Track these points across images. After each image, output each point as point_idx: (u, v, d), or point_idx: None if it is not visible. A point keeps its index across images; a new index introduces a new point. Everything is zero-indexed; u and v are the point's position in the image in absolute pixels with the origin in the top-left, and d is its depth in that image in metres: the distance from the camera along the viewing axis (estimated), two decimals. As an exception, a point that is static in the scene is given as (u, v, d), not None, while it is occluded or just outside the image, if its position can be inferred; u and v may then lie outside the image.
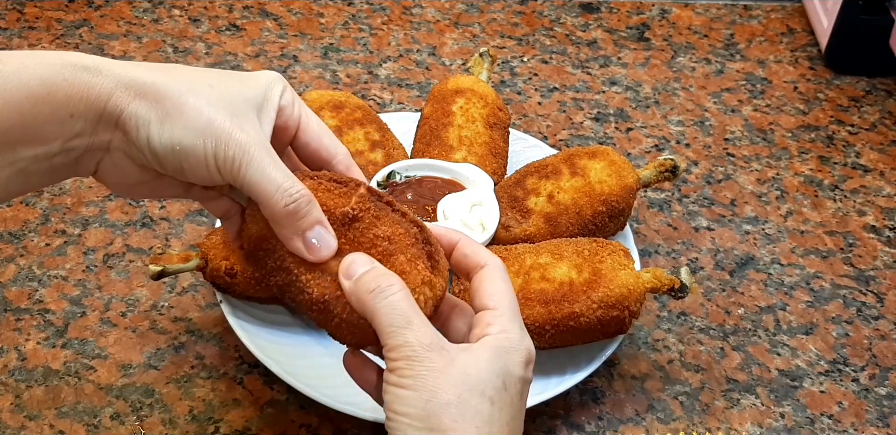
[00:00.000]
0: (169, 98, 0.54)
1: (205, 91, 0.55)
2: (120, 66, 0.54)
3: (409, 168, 0.85)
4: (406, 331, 0.54)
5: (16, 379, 0.78)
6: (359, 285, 0.55)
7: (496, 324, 0.57)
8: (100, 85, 0.53)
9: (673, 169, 0.85)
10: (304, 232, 0.56)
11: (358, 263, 0.56)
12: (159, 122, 0.54)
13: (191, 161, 0.54)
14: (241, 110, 0.56)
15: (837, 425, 0.80)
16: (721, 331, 0.87)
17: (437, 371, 0.53)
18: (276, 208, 0.55)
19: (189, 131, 0.54)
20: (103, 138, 0.55)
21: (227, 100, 0.56)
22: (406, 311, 0.54)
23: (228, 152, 0.54)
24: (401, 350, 0.53)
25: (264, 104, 0.58)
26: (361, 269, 0.56)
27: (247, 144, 0.55)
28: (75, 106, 0.53)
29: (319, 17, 1.18)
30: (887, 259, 0.95)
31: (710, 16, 1.24)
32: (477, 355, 0.55)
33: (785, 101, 1.12)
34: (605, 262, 0.76)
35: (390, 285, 0.55)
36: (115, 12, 1.16)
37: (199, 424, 0.76)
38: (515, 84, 1.11)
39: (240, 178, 0.55)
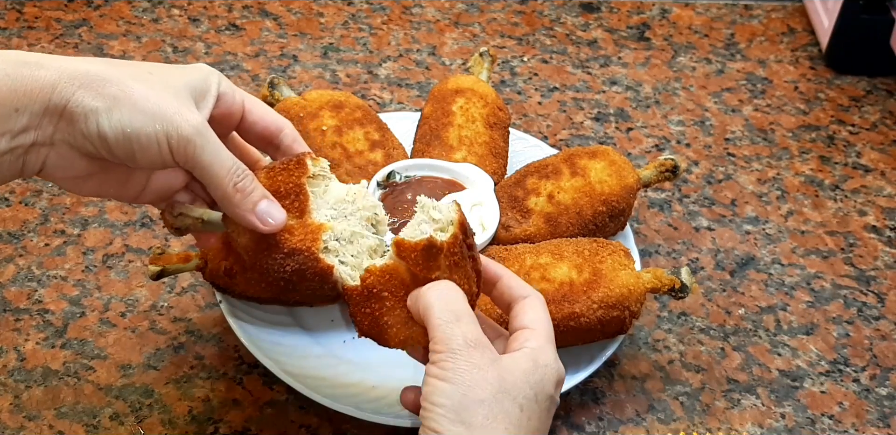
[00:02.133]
0: (114, 85, 0.56)
1: (147, 78, 0.57)
2: (62, 60, 0.56)
3: (409, 168, 0.84)
4: (454, 325, 0.56)
5: (15, 379, 0.78)
6: (421, 292, 0.59)
7: (533, 340, 0.60)
8: (43, 78, 0.54)
9: (673, 169, 0.84)
10: (255, 206, 0.60)
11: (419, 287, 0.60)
12: (107, 109, 0.55)
13: (143, 144, 0.56)
14: (183, 96, 0.58)
15: (838, 426, 0.80)
16: (721, 331, 0.87)
17: (477, 368, 0.55)
18: (227, 188, 0.59)
19: (139, 115, 0.56)
20: (47, 132, 0.56)
21: (170, 85, 0.58)
22: (458, 307, 0.57)
23: (182, 134, 0.57)
24: (446, 343, 0.56)
25: (204, 92, 0.61)
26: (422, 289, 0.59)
27: (198, 127, 0.57)
28: (20, 100, 0.54)
29: (319, 17, 1.18)
30: (888, 259, 0.95)
31: (710, 15, 1.23)
32: (516, 362, 0.57)
33: (785, 100, 1.12)
34: (606, 262, 0.76)
35: (447, 285, 0.58)
36: (114, 12, 1.16)
37: (199, 424, 0.76)
38: (515, 84, 1.11)
39: (192, 160, 0.58)
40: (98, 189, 0.62)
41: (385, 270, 0.61)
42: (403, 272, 0.61)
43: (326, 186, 0.65)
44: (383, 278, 0.61)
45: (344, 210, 0.65)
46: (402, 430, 0.74)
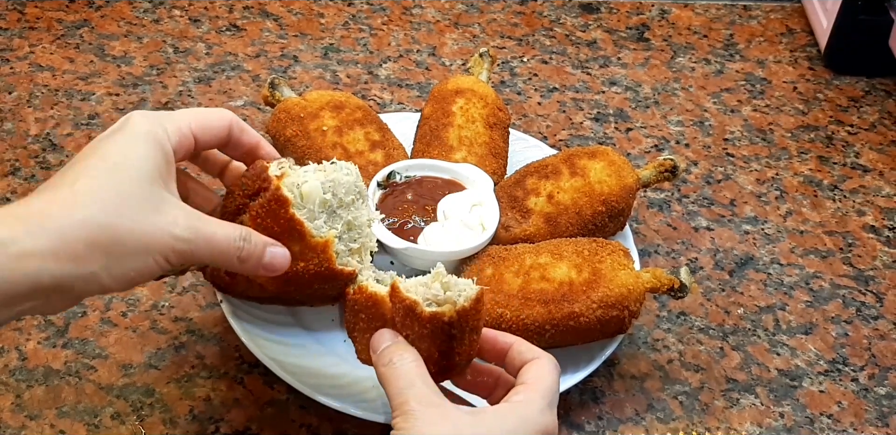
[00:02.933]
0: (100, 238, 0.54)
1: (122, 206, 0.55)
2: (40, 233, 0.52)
3: (409, 168, 0.85)
4: (408, 390, 0.58)
5: (16, 379, 0.78)
6: (378, 358, 0.62)
7: (521, 394, 0.60)
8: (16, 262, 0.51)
9: (672, 169, 0.85)
10: (261, 261, 0.62)
11: (382, 338, 0.62)
12: (105, 268, 0.54)
13: (145, 276, 0.57)
14: (157, 197, 0.57)
15: (837, 425, 0.80)
16: (720, 331, 0.87)
17: (428, 422, 0.57)
18: (233, 263, 0.61)
19: (136, 257, 0.56)
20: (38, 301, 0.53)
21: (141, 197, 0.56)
22: (411, 375, 0.59)
23: (178, 251, 0.57)
24: (400, 408, 0.58)
25: (167, 176, 0.59)
26: (383, 344, 0.62)
27: (189, 233, 0.57)
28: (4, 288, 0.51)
29: (320, 18, 1.18)
30: (886, 259, 0.95)
31: (709, 16, 1.24)
32: (479, 418, 0.58)
33: (784, 101, 1.12)
34: (605, 262, 0.76)
35: (402, 357, 0.60)
36: (115, 12, 1.16)
37: (200, 423, 0.77)
38: (515, 84, 1.11)
39: (194, 259, 0.59)
40: None
41: (371, 296, 0.63)
42: (386, 308, 0.63)
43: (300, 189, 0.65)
44: (367, 302, 0.64)
45: (329, 206, 0.65)
46: (403, 429, 0.74)
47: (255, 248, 0.61)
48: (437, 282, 0.61)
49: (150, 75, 1.08)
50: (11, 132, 1.00)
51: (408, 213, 0.81)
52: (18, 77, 1.07)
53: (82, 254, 0.53)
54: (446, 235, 0.79)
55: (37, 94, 1.05)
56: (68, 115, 1.03)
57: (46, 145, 0.99)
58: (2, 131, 1.00)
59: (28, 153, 0.98)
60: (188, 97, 1.06)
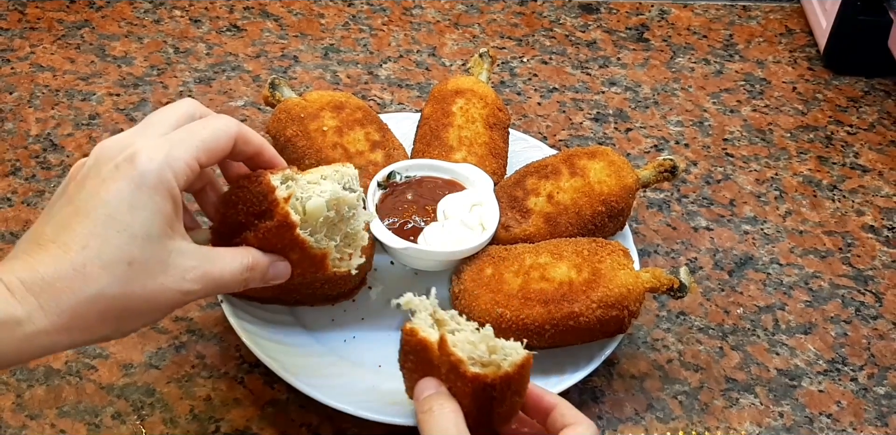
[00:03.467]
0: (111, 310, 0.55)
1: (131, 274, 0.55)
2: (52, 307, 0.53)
3: (409, 168, 0.85)
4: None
5: (17, 378, 0.78)
6: (419, 405, 0.63)
7: None
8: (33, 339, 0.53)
9: (672, 169, 0.85)
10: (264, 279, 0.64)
11: (425, 386, 0.64)
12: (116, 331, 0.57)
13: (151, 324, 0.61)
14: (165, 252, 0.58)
15: (836, 425, 0.80)
16: (720, 330, 0.87)
17: None
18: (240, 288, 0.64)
19: (147, 317, 0.58)
20: None
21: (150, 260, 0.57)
22: (448, 424, 0.61)
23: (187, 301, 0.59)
24: None
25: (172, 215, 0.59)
26: (426, 392, 0.64)
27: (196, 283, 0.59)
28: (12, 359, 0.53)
29: (320, 18, 1.18)
30: (886, 259, 0.95)
31: (708, 16, 1.24)
32: None
33: (784, 101, 1.12)
34: (605, 262, 0.76)
35: (442, 406, 0.62)
36: (116, 13, 1.17)
37: (200, 423, 0.77)
38: (515, 84, 1.11)
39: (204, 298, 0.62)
40: None
41: (421, 341, 0.64)
42: (434, 355, 0.63)
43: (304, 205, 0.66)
44: (417, 346, 0.64)
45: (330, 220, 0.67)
46: (402, 428, 0.75)
47: (260, 272, 0.64)
48: (484, 343, 0.62)
49: (150, 75, 1.08)
50: (12, 132, 1.00)
51: (408, 213, 0.81)
52: (19, 77, 1.07)
53: (94, 326, 0.55)
54: (446, 235, 0.79)
55: (37, 94, 1.05)
56: (69, 115, 1.03)
57: (47, 145, 0.99)
58: (2, 131, 1.00)
59: (29, 153, 0.98)
60: (189, 97, 1.06)
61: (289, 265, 0.66)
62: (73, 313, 0.53)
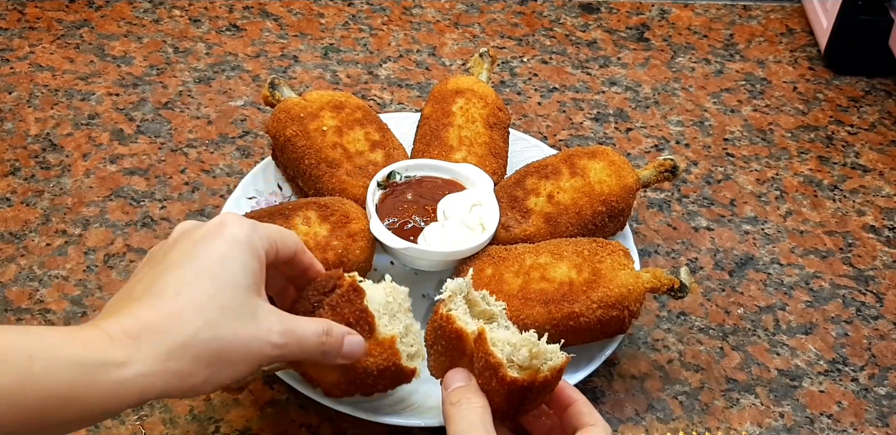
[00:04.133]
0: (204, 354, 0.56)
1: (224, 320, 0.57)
2: (149, 351, 0.54)
3: (409, 168, 0.85)
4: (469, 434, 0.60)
5: (17, 379, 0.78)
6: (448, 396, 0.63)
7: None
8: (129, 384, 0.53)
9: (672, 169, 0.85)
10: (340, 351, 0.64)
11: (456, 377, 0.64)
12: (206, 380, 0.57)
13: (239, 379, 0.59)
14: (254, 305, 0.59)
15: (837, 425, 0.80)
16: (720, 331, 0.87)
17: None
18: (316, 357, 0.63)
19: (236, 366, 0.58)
20: None
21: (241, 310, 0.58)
22: (475, 420, 0.61)
23: (272, 356, 0.59)
24: None
25: (258, 275, 0.61)
26: (457, 384, 0.64)
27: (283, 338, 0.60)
28: (107, 405, 0.53)
29: (320, 18, 1.18)
30: (886, 259, 0.95)
31: (709, 16, 1.24)
32: None
33: (784, 101, 1.12)
34: (605, 262, 0.76)
35: (471, 402, 0.62)
36: (115, 13, 1.16)
37: (200, 423, 0.77)
38: (515, 84, 1.11)
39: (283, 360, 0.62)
40: None
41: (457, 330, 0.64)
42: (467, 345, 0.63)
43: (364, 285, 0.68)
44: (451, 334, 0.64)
45: (391, 309, 0.68)
46: (402, 429, 0.75)
47: (336, 339, 0.64)
48: (527, 348, 0.61)
49: (150, 75, 1.08)
50: (11, 132, 1.00)
51: (408, 213, 0.81)
52: (18, 77, 1.07)
53: (188, 371, 0.55)
54: (446, 235, 0.79)
55: (37, 94, 1.05)
56: (68, 115, 1.03)
57: (46, 145, 0.99)
58: (2, 131, 1.00)
59: (28, 153, 0.98)
60: (188, 97, 1.06)
61: (363, 341, 0.65)
62: (169, 355, 0.54)
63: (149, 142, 1.00)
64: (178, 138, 1.01)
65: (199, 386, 0.56)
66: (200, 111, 1.04)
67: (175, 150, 1.00)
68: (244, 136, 1.02)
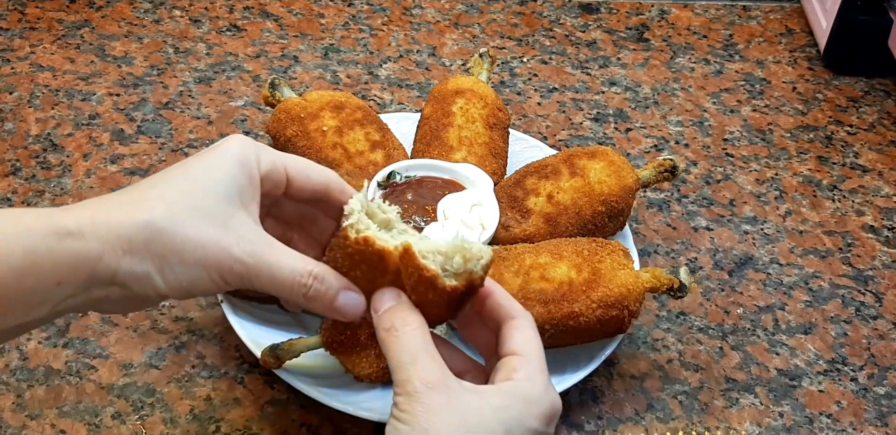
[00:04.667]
0: (159, 244, 0.54)
1: (186, 215, 0.55)
2: (102, 223, 0.53)
3: (409, 168, 0.85)
4: (410, 367, 0.55)
5: (17, 378, 0.79)
6: (379, 320, 0.57)
7: (522, 370, 0.57)
8: (86, 250, 0.52)
9: (672, 169, 0.85)
10: (332, 303, 0.58)
11: (386, 296, 0.58)
12: (160, 272, 0.54)
13: (201, 288, 0.56)
14: (227, 214, 0.56)
15: (836, 425, 0.80)
16: (720, 330, 0.87)
17: (432, 410, 0.53)
18: (299, 300, 0.58)
19: (190, 268, 0.55)
20: (98, 295, 0.54)
21: (210, 212, 0.55)
22: (414, 347, 0.56)
23: (234, 273, 0.55)
24: (403, 385, 0.54)
25: (248, 186, 0.58)
26: (388, 303, 0.58)
27: (248, 256, 0.55)
28: (62, 274, 0.52)
29: (320, 18, 1.18)
30: (886, 259, 0.95)
31: (709, 16, 1.24)
32: (485, 399, 0.55)
33: (784, 101, 1.12)
34: (605, 261, 0.76)
35: (406, 324, 0.56)
36: (116, 13, 1.17)
37: (200, 423, 0.77)
38: (515, 84, 1.11)
39: (254, 285, 0.57)
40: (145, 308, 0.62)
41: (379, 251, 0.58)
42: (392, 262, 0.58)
43: None
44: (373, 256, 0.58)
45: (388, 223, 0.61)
46: (403, 428, 0.75)
47: (328, 289, 0.58)
48: (459, 255, 0.57)
49: (150, 75, 1.08)
50: (12, 132, 1.00)
51: (408, 213, 0.81)
52: (19, 77, 1.07)
53: (138, 251, 0.53)
54: (446, 235, 0.79)
55: (37, 94, 1.05)
56: (69, 115, 1.03)
57: (47, 145, 0.99)
58: (2, 131, 1.00)
59: (29, 153, 0.98)
60: (188, 97, 1.06)
61: (363, 301, 0.59)
62: (120, 234, 0.53)
63: (149, 142, 1.00)
64: (179, 138, 1.01)
65: (154, 278, 0.54)
66: (201, 111, 1.04)
67: (176, 150, 1.00)
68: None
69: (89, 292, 0.54)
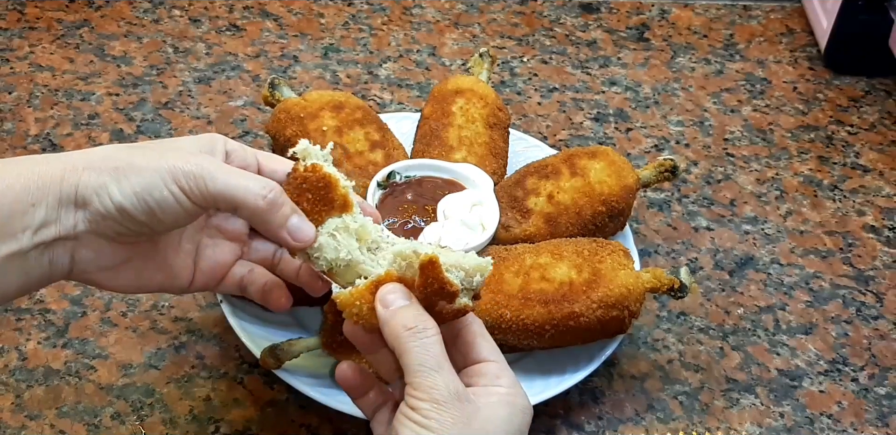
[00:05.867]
0: (115, 159, 0.58)
1: (148, 147, 0.60)
2: (67, 154, 0.59)
3: (409, 168, 0.85)
4: (437, 374, 0.55)
5: (16, 379, 0.78)
6: (396, 319, 0.56)
7: (505, 378, 0.59)
8: (51, 170, 0.57)
9: (672, 169, 0.85)
10: (287, 221, 0.59)
11: (397, 294, 0.57)
12: (115, 180, 0.57)
13: (157, 198, 0.57)
14: (187, 151, 0.60)
15: (837, 425, 0.80)
16: (720, 331, 0.87)
17: (461, 422, 0.54)
18: (258, 204, 0.58)
19: (145, 174, 0.57)
20: (68, 223, 0.57)
21: (172, 147, 0.60)
22: (438, 355, 0.56)
23: (188, 171, 0.57)
24: (429, 392, 0.55)
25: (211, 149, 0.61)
26: (400, 302, 0.57)
27: (201, 162, 0.58)
28: (33, 194, 0.56)
29: (319, 18, 1.18)
30: (886, 259, 0.95)
31: (709, 16, 1.24)
32: (495, 413, 0.57)
33: (784, 101, 1.12)
34: (605, 262, 0.76)
35: (427, 328, 0.56)
36: (115, 13, 1.16)
37: (200, 423, 0.77)
38: (515, 84, 1.11)
39: (209, 192, 0.57)
40: (140, 279, 0.63)
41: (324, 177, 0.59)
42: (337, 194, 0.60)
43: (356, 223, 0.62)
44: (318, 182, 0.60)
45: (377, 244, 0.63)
46: (403, 429, 0.74)
47: (285, 204, 0.59)
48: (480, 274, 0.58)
49: (150, 75, 1.08)
50: (11, 132, 1.00)
51: (408, 213, 0.81)
52: (18, 77, 1.07)
53: (96, 167, 0.57)
54: (446, 235, 0.79)
55: (37, 94, 1.05)
56: (68, 115, 1.03)
57: (46, 145, 0.99)
58: (2, 131, 1.00)
59: (28, 153, 0.98)
60: (188, 97, 1.06)
61: (313, 229, 0.59)
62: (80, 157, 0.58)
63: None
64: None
65: (111, 188, 0.56)
66: (200, 111, 1.04)
67: (175, 150, 0.99)
68: (244, 136, 1.02)
69: (61, 219, 0.57)
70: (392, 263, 0.59)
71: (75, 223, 0.57)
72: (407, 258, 0.58)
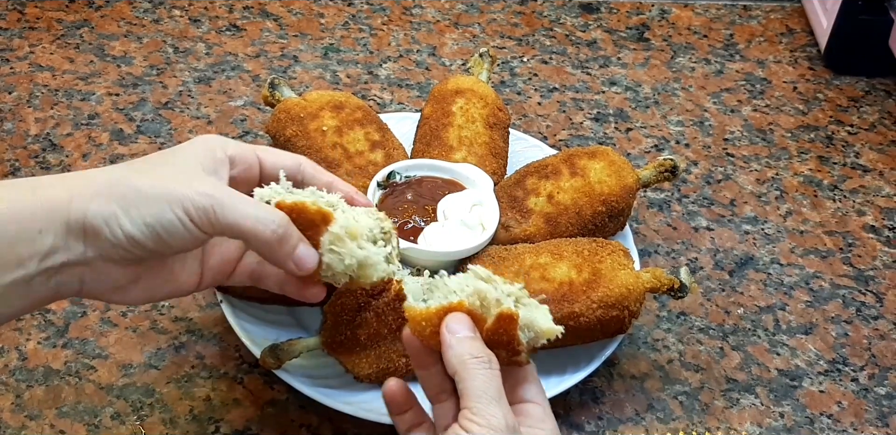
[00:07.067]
0: (121, 185, 0.57)
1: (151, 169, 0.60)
2: (69, 176, 0.59)
3: (409, 168, 0.85)
4: (497, 404, 0.57)
5: (16, 379, 0.78)
6: (464, 347, 0.58)
7: (548, 422, 0.61)
8: (57, 196, 0.56)
9: (672, 169, 0.85)
10: (294, 252, 0.60)
11: (464, 325, 0.59)
12: (124, 210, 0.56)
13: (168, 228, 0.57)
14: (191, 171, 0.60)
15: (837, 425, 0.80)
16: (720, 331, 0.87)
17: None
18: (266, 237, 0.59)
19: (153, 205, 0.57)
20: (77, 250, 0.57)
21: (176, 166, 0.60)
22: (500, 388, 0.58)
23: (198, 204, 0.57)
24: (488, 419, 0.56)
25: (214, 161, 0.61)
26: (466, 333, 0.59)
27: (210, 192, 0.58)
28: (40, 221, 0.56)
29: (320, 18, 1.18)
30: (886, 259, 0.95)
31: (709, 16, 1.24)
32: None
33: (784, 101, 1.12)
34: (605, 262, 0.76)
35: (493, 361, 0.58)
36: (115, 13, 1.16)
37: (200, 423, 0.77)
38: (515, 84, 1.11)
39: (219, 223, 0.58)
40: (150, 292, 0.63)
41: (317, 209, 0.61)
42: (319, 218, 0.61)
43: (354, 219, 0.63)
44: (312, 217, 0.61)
45: None
46: (403, 429, 0.74)
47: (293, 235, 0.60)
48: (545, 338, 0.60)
49: (150, 75, 1.08)
50: (11, 132, 1.00)
51: (408, 213, 0.81)
52: (18, 77, 1.07)
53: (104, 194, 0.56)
54: (446, 235, 0.79)
55: (37, 94, 1.05)
56: (68, 115, 1.03)
57: (46, 145, 0.99)
58: (2, 131, 1.00)
59: (28, 153, 0.98)
60: (188, 97, 1.06)
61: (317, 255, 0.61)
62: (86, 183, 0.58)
63: (149, 142, 1.00)
64: (179, 138, 1.01)
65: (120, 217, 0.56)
66: (200, 111, 1.04)
67: (175, 150, 0.99)
68: (244, 136, 1.02)
69: (69, 246, 0.56)
70: (469, 295, 0.60)
71: (84, 250, 0.57)
72: (485, 300, 0.59)
